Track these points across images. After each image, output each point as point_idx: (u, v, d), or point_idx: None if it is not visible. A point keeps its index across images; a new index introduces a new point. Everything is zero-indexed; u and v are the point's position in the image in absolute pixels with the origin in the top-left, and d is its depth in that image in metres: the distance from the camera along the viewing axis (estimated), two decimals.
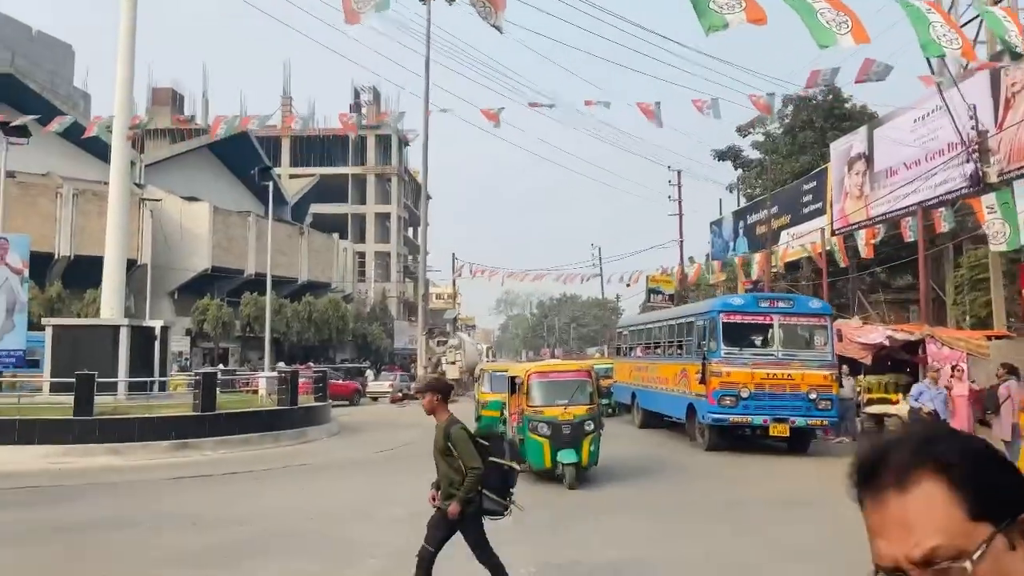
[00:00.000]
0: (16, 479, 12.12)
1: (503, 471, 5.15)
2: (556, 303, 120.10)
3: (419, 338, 32.29)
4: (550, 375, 11.42)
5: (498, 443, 5.30)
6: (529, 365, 12.23)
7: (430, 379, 5.48)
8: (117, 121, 20.03)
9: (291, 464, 13.91)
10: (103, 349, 17.94)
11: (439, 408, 5.16)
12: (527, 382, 11.12)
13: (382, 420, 23.80)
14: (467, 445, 4.91)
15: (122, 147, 19.89)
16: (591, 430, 10.72)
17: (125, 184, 19.68)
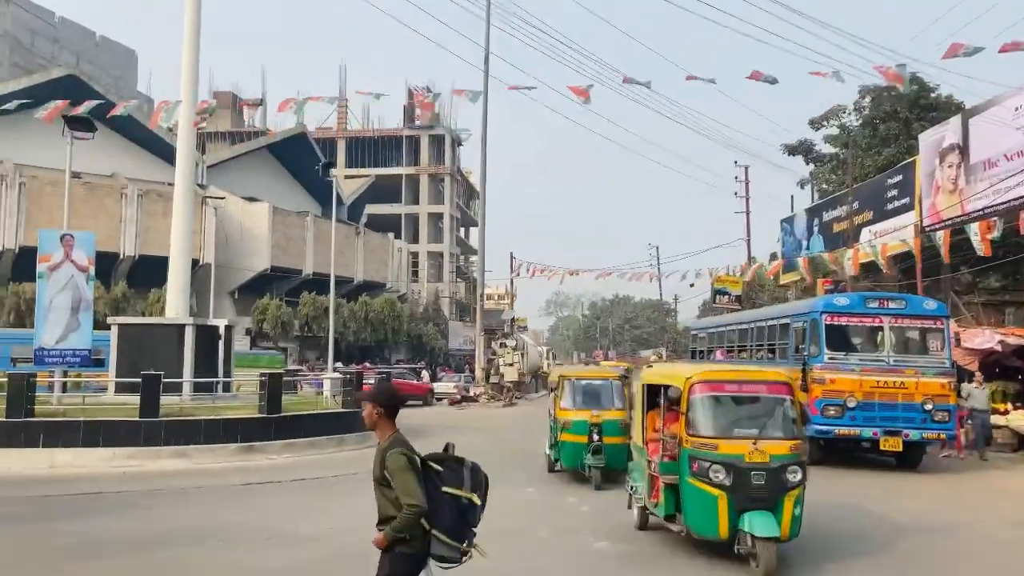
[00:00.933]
0: (80, 484, 11.68)
1: (460, 506, 3.97)
2: (608, 304, 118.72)
3: (477, 339, 31.60)
4: (728, 386, 7.30)
5: (454, 469, 4.07)
6: (688, 369, 7.91)
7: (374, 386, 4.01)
8: (182, 122, 19.76)
9: (360, 471, 13.15)
10: (168, 348, 17.58)
11: (381, 423, 4.07)
12: (688, 395, 7.06)
13: (443, 423, 23.08)
14: (405, 476, 3.82)
15: (188, 144, 19.60)
16: (797, 481, 6.75)
17: (190, 182, 19.38)
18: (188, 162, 19.37)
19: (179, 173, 19.26)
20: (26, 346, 26.67)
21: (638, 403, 8.39)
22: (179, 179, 19.24)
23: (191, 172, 19.48)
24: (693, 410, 7.02)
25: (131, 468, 13.10)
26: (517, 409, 29.64)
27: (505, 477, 11.65)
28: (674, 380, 7.46)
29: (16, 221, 33.77)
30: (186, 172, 19.25)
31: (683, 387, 7.11)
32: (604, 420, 11.05)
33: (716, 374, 7.60)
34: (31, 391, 13.60)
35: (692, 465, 6.83)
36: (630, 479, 8.45)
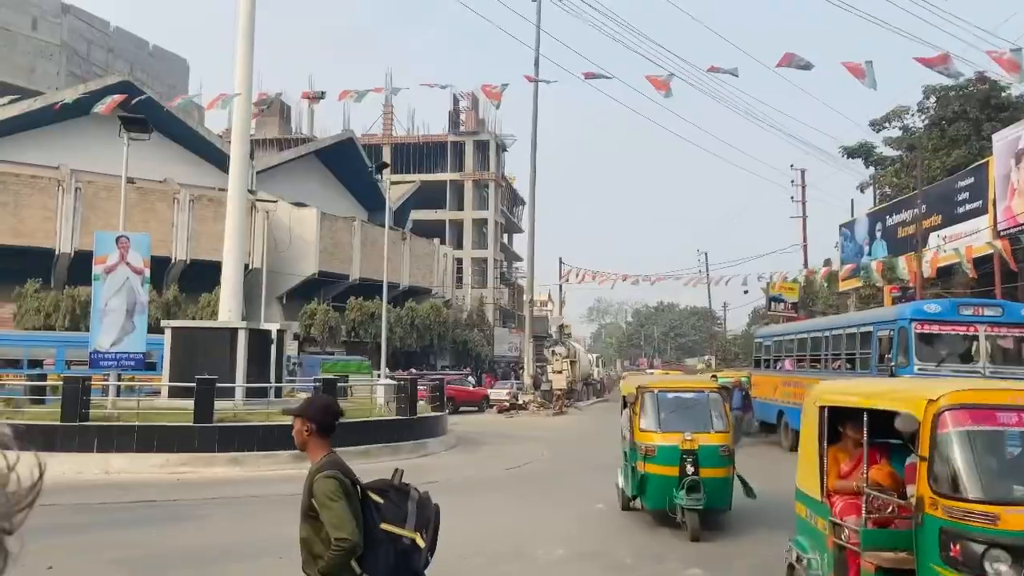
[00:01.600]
0: (133, 491, 11.40)
1: (401, 548, 3.21)
2: (653, 312, 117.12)
3: (525, 345, 30.99)
4: (1005, 415, 4.37)
5: (398, 500, 3.34)
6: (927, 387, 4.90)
7: (307, 398, 3.24)
8: (236, 128, 19.67)
9: (417, 482, 12.69)
10: (221, 352, 17.38)
11: (312, 443, 3.43)
12: (934, 429, 4.27)
13: (494, 431, 22.58)
14: (335, 505, 3.11)
15: (241, 149, 19.47)
16: None
17: (243, 186, 19.24)
18: (242, 166, 19.23)
19: (232, 177, 19.12)
20: (81, 349, 26.99)
21: (810, 432, 5.40)
22: (232, 183, 19.10)
23: (245, 176, 19.33)
24: (946, 455, 4.20)
25: (185, 475, 12.83)
26: (568, 418, 28.97)
27: (566, 503, 11.06)
28: (900, 402, 4.64)
29: (72, 225, 34.29)
30: (239, 176, 19.11)
31: (923, 415, 4.25)
32: (701, 446, 8.40)
33: (982, 395, 4.51)
34: (86, 395, 13.45)
35: (950, 547, 4.00)
36: (793, 547, 5.68)
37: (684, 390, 9.54)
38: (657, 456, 8.48)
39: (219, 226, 38.49)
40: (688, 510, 8.21)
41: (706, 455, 8.36)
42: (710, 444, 8.47)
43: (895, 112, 33.65)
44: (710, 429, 8.69)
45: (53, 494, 8.18)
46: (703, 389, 9.48)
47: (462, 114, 72.36)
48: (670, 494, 8.32)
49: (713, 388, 9.48)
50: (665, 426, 8.69)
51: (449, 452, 16.59)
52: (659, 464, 8.47)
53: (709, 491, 8.21)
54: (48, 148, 37.39)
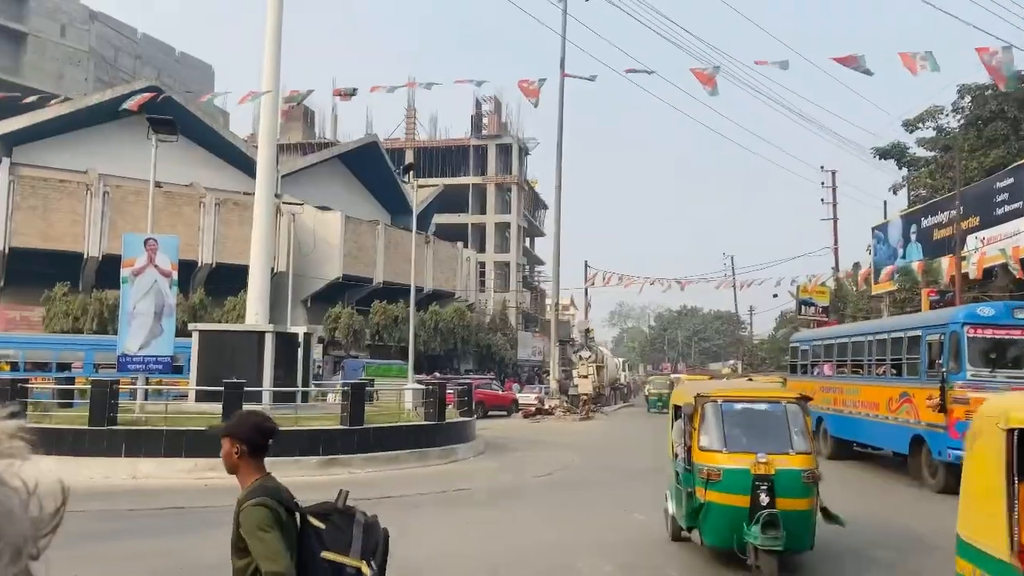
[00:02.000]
0: (161, 497, 11.22)
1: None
2: (676, 316, 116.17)
3: (551, 350, 30.64)
4: None
5: (342, 525, 3.00)
6: None
7: (236, 416, 2.85)
8: (263, 131, 19.56)
9: (448, 490, 12.44)
10: (248, 355, 17.23)
11: (243, 465, 3.11)
12: None
13: (522, 436, 22.25)
14: (266, 536, 2.80)
15: (269, 151, 19.35)
16: None
17: (270, 188, 19.11)
18: (269, 168, 19.11)
19: (260, 179, 19.01)
20: (108, 352, 27.05)
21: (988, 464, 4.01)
22: (260, 185, 18.99)
23: (271, 178, 19.21)
24: None
25: (213, 480, 12.62)
26: (594, 424, 28.57)
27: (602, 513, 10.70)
28: None
29: (100, 229, 34.52)
30: (266, 178, 18.99)
31: None
32: (779, 471, 6.75)
33: None
34: (114, 399, 13.32)
35: None
36: None
37: (755, 400, 7.75)
38: (723, 482, 6.86)
39: (244, 230, 38.60)
40: (764, 551, 6.64)
41: (785, 482, 6.74)
42: (790, 468, 6.84)
43: (929, 112, 32.93)
44: (789, 449, 7.05)
45: (80, 500, 7.93)
46: (779, 399, 7.73)
47: (484, 118, 72.24)
48: (738, 529, 6.79)
49: (792, 398, 7.72)
50: (733, 445, 7.07)
51: (478, 458, 16.29)
52: (725, 492, 6.86)
53: (789, 527, 6.60)
54: (76, 153, 37.71)
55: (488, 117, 72.00)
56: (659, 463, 16.27)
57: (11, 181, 33.62)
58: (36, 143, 37.29)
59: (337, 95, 14.67)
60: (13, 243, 33.20)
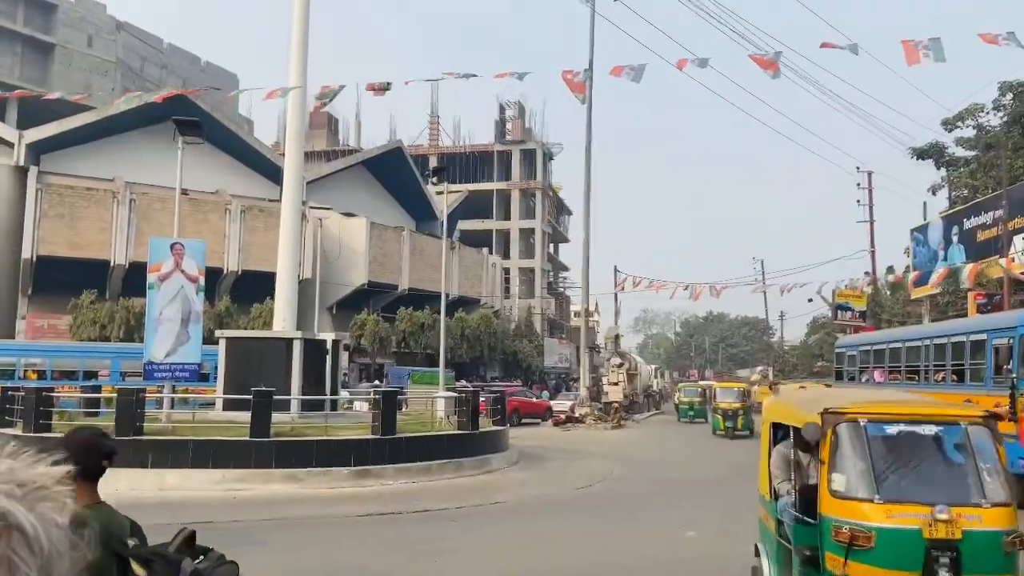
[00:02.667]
0: (190, 511, 10.74)
1: None
2: (702, 322, 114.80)
3: (581, 357, 30.02)
4: None
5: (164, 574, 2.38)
6: None
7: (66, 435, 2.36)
8: (289, 136, 19.24)
9: (485, 503, 11.87)
10: (276, 363, 16.84)
11: None
12: None
13: (554, 445, 21.62)
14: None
15: (296, 156, 19.00)
16: None
17: (297, 193, 18.75)
18: (296, 172, 18.75)
19: (287, 183, 18.68)
20: (135, 360, 26.84)
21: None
22: (287, 189, 18.65)
23: (299, 182, 18.85)
24: None
25: (241, 492, 12.19)
26: (627, 432, 27.83)
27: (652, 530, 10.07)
28: None
29: (127, 236, 34.48)
30: (294, 182, 18.63)
31: None
32: (967, 533, 4.36)
33: None
34: (140, 407, 12.93)
35: None
36: None
37: (921, 419, 5.02)
38: (876, 550, 4.44)
39: (270, 236, 38.44)
40: None
41: (977, 550, 4.38)
42: (983, 529, 4.41)
43: (968, 111, 31.94)
44: (980, 498, 4.54)
45: None
46: (956, 418, 4.96)
47: (508, 123, 71.90)
48: None
49: (974, 416, 4.94)
50: (890, 491, 4.61)
51: (512, 469, 15.71)
52: (879, 566, 4.46)
53: None
54: (103, 161, 37.80)
55: (512, 122, 71.62)
56: (703, 474, 15.66)
57: (39, 189, 33.70)
58: (63, 151, 37.42)
59: (370, 90, 14.20)
60: (40, 251, 33.25)
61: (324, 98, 14.22)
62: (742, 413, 24.13)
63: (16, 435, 13.74)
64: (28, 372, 24.82)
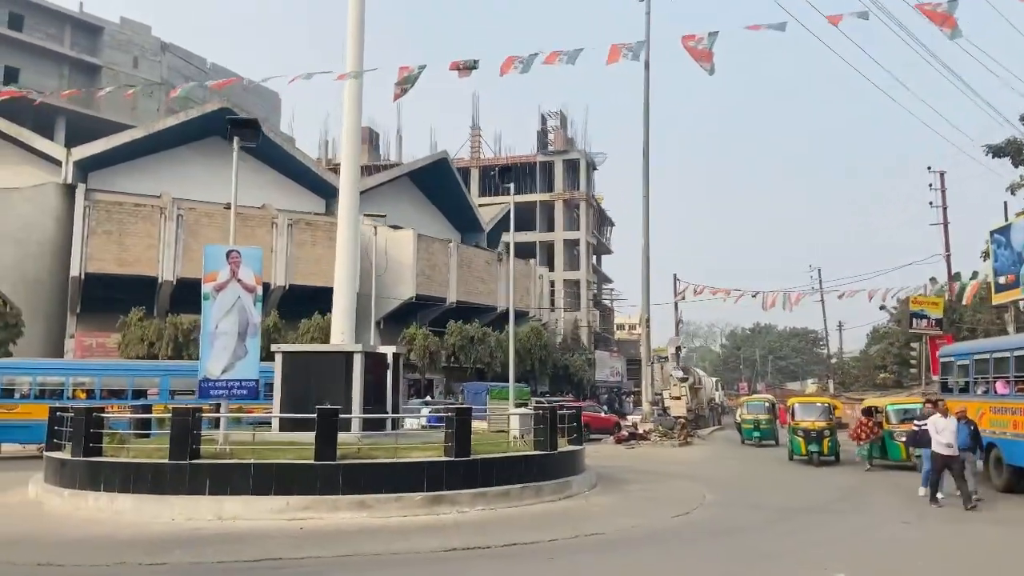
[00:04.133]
0: (252, 545, 9.61)
1: None
2: (749, 334, 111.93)
3: (643, 370, 28.54)
4: None
5: None
6: None
7: None
8: (346, 144, 18.27)
9: (580, 534, 10.51)
10: (335, 378, 15.73)
11: None
12: None
13: (625, 464, 20.18)
14: None
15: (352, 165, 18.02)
16: None
17: (355, 190, 17.78)
18: (353, 170, 17.78)
19: (344, 182, 17.75)
20: (184, 378, 26.03)
21: None
22: (344, 188, 17.72)
23: (356, 181, 17.89)
24: None
25: (307, 521, 11.03)
26: (696, 450, 26.22)
27: (790, 571, 8.61)
28: None
29: (174, 252, 34.01)
30: (351, 182, 17.66)
31: None
32: None
33: None
34: (196, 429, 11.88)
35: None
36: None
37: None
38: None
39: (317, 250, 37.74)
40: None
41: None
42: None
43: None
44: None
45: (164, 549, 6.29)
46: None
47: (550, 133, 70.84)
48: None
49: None
50: None
51: (594, 493, 14.32)
52: None
53: None
54: (149, 177, 37.52)
55: (554, 132, 70.56)
56: (807, 499, 14.01)
57: (87, 207, 33.43)
58: (110, 169, 37.25)
59: (455, 68, 13.08)
60: (89, 268, 32.91)
61: (405, 83, 13.11)
62: (828, 434, 19.78)
63: (64, 459, 12.79)
64: (77, 391, 24.19)
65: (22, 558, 8.78)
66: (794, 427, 20.51)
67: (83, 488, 12.15)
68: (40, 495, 12.75)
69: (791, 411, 21.49)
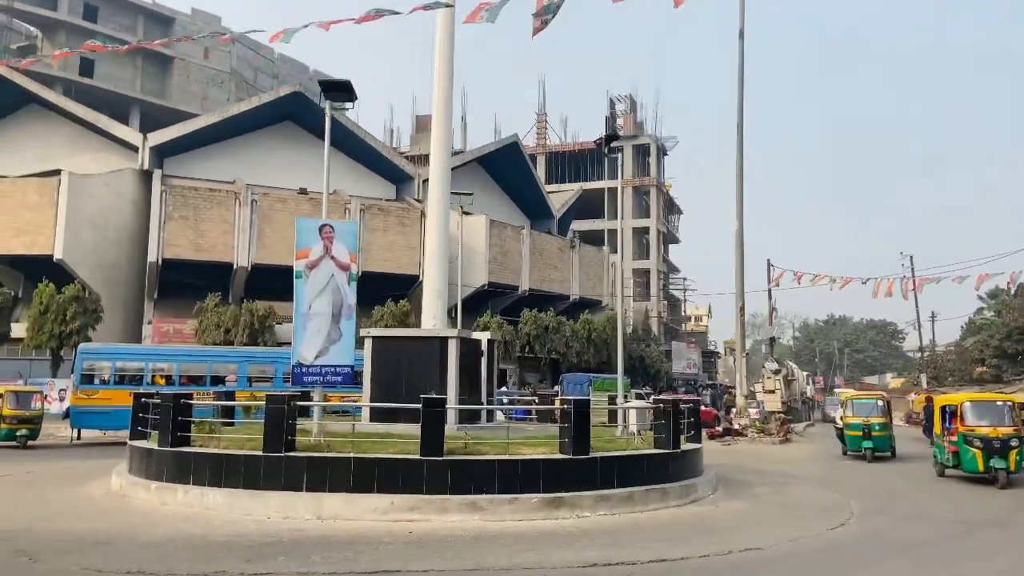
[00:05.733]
0: (362, 550, 8.45)
1: None
2: (822, 326, 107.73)
3: (737, 361, 26.75)
4: None
5: None
6: None
7: None
8: (436, 121, 17.13)
9: (733, 549, 9.02)
10: (427, 366, 14.61)
11: None
12: None
13: (731, 462, 18.55)
14: None
15: (444, 138, 16.83)
16: None
17: (445, 177, 16.70)
18: (444, 157, 16.70)
19: (434, 171, 16.78)
20: (261, 364, 25.38)
21: None
22: (434, 176, 16.70)
23: (447, 168, 16.83)
24: None
25: (415, 524, 9.85)
26: (800, 447, 24.36)
27: None
28: None
29: (248, 238, 33.57)
30: (442, 169, 16.58)
31: None
32: None
33: None
34: (292, 418, 10.80)
35: None
36: None
37: None
38: None
39: (389, 236, 36.93)
40: None
41: None
42: None
43: None
44: None
45: (264, 553, 6.46)
46: None
47: (619, 118, 68.86)
48: None
49: None
50: None
51: (719, 497, 12.80)
52: None
53: None
54: (222, 164, 37.27)
55: (623, 117, 68.57)
56: (974, 509, 12.15)
57: (163, 191, 33.24)
58: (184, 155, 37.11)
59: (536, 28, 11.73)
60: (166, 254, 32.72)
61: (545, 14, 11.77)
62: (1017, 443, 14.69)
63: (150, 449, 11.90)
64: (156, 377, 23.77)
65: (110, 564, 7.80)
66: (966, 435, 15.13)
67: (171, 481, 11.24)
68: (125, 487, 11.90)
69: (953, 413, 15.92)
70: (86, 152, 36.02)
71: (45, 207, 31.17)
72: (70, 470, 15.18)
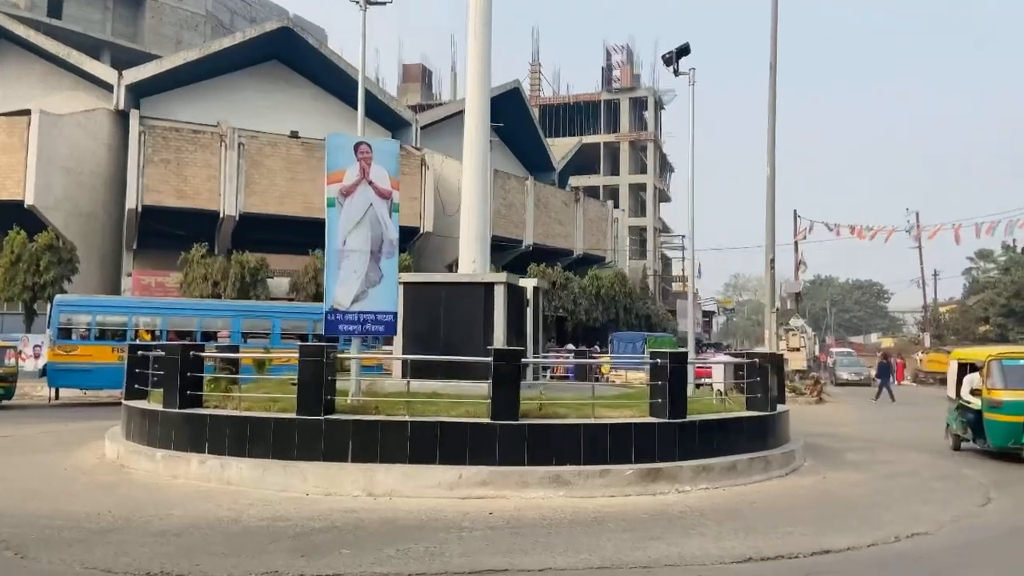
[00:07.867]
0: (442, 540, 6.63)
1: None
2: (809, 286, 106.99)
3: (767, 317, 25.11)
4: None
5: None
6: None
7: None
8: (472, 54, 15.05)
9: (896, 535, 7.27)
10: (471, 315, 12.72)
11: None
12: None
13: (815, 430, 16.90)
14: None
15: (483, 64, 14.73)
16: None
17: (484, 109, 14.78)
18: (483, 86, 14.65)
19: (471, 102, 14.93)
20: (257, 319, 23.30)
21: None
22: (471, 107, 14.84)
23: (486, 97, 14.88)
24: None
25: (492, 502, 8.03)
26: (838, 407, 22.92)
27: None
28: None
29: (236, 185, 31.10)
30: (480, 99, 14.65)
31: None
32: None
33: None
34: (331, 374, 8.85)
35: None
36: None
37: None
38: None
39: None
40: None
41: None
42: None
43: None
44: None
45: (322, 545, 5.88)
46: None
47: (615, 69, 66.30)
48: None
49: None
50: None
51: (819, 466, 11.08)
52: None
53: None
54: (204, 105, 34.48)
55: (620, 69, 66.00)
56: None
57: (141, 132, 30.55)
58: (162, 95, 34.24)
59: None
60: (146, 201, 30.17)
61: None
62: None
63: (154, 411, 9.89)
64: (141, 332, 21.62)
65: (122, 561, 5.86)
66: (991, 400, 11.60)
67: (181, 449, 9.28)
68: (123, 456, 9.92)
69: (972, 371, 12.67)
70: (57, 92, 33.09)
71: (15, 149, 28.45)
72: (51, 434, 13.15)
